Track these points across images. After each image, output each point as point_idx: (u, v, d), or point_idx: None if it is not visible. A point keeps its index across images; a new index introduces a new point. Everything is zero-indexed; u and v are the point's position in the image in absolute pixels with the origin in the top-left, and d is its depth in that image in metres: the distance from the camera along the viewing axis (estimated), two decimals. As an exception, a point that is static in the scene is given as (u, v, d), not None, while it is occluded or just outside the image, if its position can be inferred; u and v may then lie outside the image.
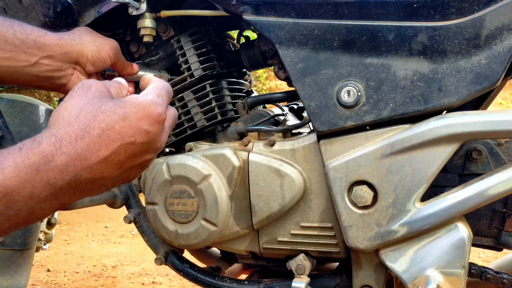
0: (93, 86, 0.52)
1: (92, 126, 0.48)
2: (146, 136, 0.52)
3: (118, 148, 0.49)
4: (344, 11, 0.73)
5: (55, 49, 0.69)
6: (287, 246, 0.85)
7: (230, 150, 0.84)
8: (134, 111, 0.51)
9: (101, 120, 0.48)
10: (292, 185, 0.80)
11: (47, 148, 0.45)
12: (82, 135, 0.47)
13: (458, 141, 0.68)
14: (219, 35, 1.01)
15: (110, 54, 0.77)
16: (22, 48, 0.64)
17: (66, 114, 0.49)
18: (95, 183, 0.49)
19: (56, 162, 0.45)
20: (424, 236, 0.72)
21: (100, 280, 2.36)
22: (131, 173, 0.55)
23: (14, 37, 0.64)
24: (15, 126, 1.15)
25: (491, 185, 0.67)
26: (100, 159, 0.48)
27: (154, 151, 0.56)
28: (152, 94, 0.55)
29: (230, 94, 0.98)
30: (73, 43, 0.72)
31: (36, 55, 0.66)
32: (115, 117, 0.49)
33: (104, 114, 0.49)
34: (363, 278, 0.80)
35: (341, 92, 0.74)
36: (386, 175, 0.72)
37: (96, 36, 0.78)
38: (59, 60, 0.70)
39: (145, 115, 0.52)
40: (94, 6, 0.88)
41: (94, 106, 0.49)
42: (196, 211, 0.85)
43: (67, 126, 0.47)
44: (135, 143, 0.51)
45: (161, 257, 0.97)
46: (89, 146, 0.47)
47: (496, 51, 0.68)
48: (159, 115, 0.53)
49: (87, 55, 0.74)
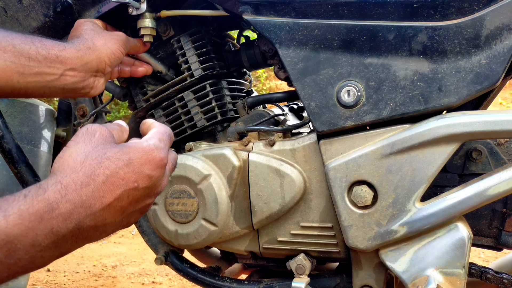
0: (97, 132, 0.52)
1: (97, 173, 0.48)
2: (149, 181, 0.53)
3: (122, 194, 0.50)
4: (344, 11, 0.73)
5: (76, 61, 0.71)
6: (287, 246, 0.85)
7: (230, 150, 0.84)
8: (138, 156, 0.52)
9: (106, 167, 0.49)
10: (292, 185, 0.80)
11: (52, 195, 0.45)
12: (87, 182, 0.47)
13: (458, 141, 0.68)
14: (219, 35, 1.01)
15: (122, 50, 0.80)
16: (46, 64, 0.67)
17: (71, 160, 0.49)
18: (97, 230, 0.50)
19: (60, 209, 0.45)
20: (424, 236, 0.72)
21: (100, 280, 2.36)
22: (132, 218, 0.55)
23: (37, 53, 0.66)
24: (15, 126, 1.15)
25: (491, 185, 0.67)
26: (104, 205, 0.48)
27: (155, 196, 0.57)
28: (154, 139, 0.56)
29: (230, 94, 0.98)
30: (90, 52, 0.74)
31: (60, 68, 0.69)
32: (120, 163, 0.50)
33: (109, 160, 0.50)
34: (363, 278, 0.80)
35: (341, 92, 0.74)
36: (386, 175, 0.72)
37: (105, 35, 0.79)
38: (82, 71, 0.72)
39: (148, 160, 0.53)
40: (94, 6, 0.88)
41: (99, 153, 0.50)
42: (196, 211, 0.85)
43: (72, 173, 0.48)
44: (138, 188, 0.52)
45: (161, 257, 0.97)
46: (94, 193, 0.47)
47: (496, 51, 0.68)
48: (161, 159, 0.54)
49: (105, 60, 0.76)
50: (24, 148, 0.83)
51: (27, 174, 0.81)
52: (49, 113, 1.30)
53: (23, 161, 0.80)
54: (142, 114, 1.02)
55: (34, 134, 1.28)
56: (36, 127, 1.23)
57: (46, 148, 1.31)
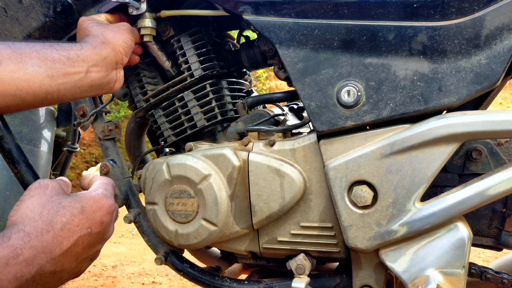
0: (49, 185, 0.58)
1: (55, 221, 0.53)
2: (100, 226, 0.59)
3: (77, 239, 0.55)
4: (344, 11, 0.73)
5: (96, 57, 0.73)
6: (287, 246, 0.85)
7: (230, 150, 0.84)
8: (90, 204, 0.58)
9: (62, 215, 0.54)
10: (292, 185, 0.80)
11: (16, 242, 0.49)
12: (47, 229, 0.52)
13: (458, 141, 0.68)
14: (219, 35, 1.01)
15: (132, 38, 0.82)
16: (70, 64, 0.69)
17: (29, 212, 0.53)
18: (55, 275, 0.53)
19: (24, 255, 0.48)
20: (424, 236, 0.72)
21: (100, 280, 2.36)
22: (83, 265, 0.60)
23: (60, 55, 0.68)
24: (15, 126, 1.15)
25: (491, 185, 0.67)
26: (62, 251, 0.53)
27: (103, 241, 0.62)
28: (101, 189, 0.63)
29: (230, 94, 0.99)
30: (105, 46, 0.76)
31: (84, 66, 0.71)
32: (75, 211, 0.56)
33: (65, 209, 0.55)
34: (363, 278, 0.80)
35: (341, 92, 0.74)
36: (386, 175, 0.72)
37: (112, 27, 0.81)
38: (103, 65, 0.75)
39: (99, 207, 0.59)
40: (94, 6, 0.89)
41: (54, 203, 0.55)
42: (196, 211, 0.85)
43: (32, 222, 0.52)
44: (92, 233, 0.57)
45: (161, 257, 0.97)
46: (54, 239, 0.52)
47: (496, 51, 0.68)
48: (109, 206, 0.61)
49: (120, 50, 0.78)
50: (24, 148, 0.83)
51: (27, 174, 0.81)
52: (49, 113, 1.30)
53: (23, 161, 0.80)
54: (142, 114, 1.02)
55: (34, 134, 1.28)
56: (36, 127, 1.23)
57: (46, 148, 1.31)
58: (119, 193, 0.98)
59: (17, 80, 0.62)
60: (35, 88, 0.64)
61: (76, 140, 1.44)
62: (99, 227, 0.59)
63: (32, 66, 0.64)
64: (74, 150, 1.46)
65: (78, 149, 1.48)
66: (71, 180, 5.30)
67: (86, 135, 5.34)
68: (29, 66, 0.63)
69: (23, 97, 0.63)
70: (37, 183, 0.58)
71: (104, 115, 1.03)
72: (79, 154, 5.31)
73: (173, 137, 0.98)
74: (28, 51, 0.64)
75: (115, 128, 1.03)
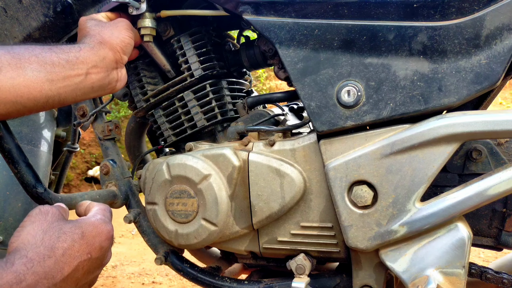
0: (50, 211, 0.58)
1: (57, 247, 0.54)
2: (100, 251, 0.59)
3: (78, 265, 0.55)
4: (344, 11, 0.73)
5: (95, 58, 0.73)
6: (287, 246, 0.85)
7: (230, 150, 0.84)
8: (89, 230, 0.59)
9: (63, 240, 0.55)
10: (292, 185, 0.80)
11: (19, 267, 0.49)
12: (49, 255, 0.52)
13: (458, 141, 0.68)
14: (219, 35, 1.01)
15: (130, 35, 0.81)
16: (69, 66, 0.68)
17: (30, 237, 0.54)
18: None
19: (27, 281, 0.49)
20: (424, 236, 0.72)
21: (100, 280, 2.36)
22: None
23: (59, 58, 0.67)
24: (15, 126, 1.15)
25: (491, 185, 0.67)
26: (64, 277, 0.53)
27: (102, 267, 0.63)
28: (100, 215, 0.63)
29: (230, 94, 0.99)
30: (102, 46, 0.76)
31: (83, 68, 0.70)
32: (75, 236, 0.56)
33: (66, 235, 0.56)
34: (363, 278, 0.80)
35: (341, 92, 0.74)
36: (386, 175, 0.72)
37: (109, 25, 0.80)
38: (103, 66, 0.74)
39: (98, 233, 0.60)
40: (94, 6, 0.89)
41: (55, 229, 0.56)
42: (196, 211, 0.85)
43: (35, 248, 0.52)
44: (91, 258, 0.58)
45: (161, 257, 0.97)
46: (56, 265, 0.52)
47: (496, 51, 0.68)
48: (108, 231, 0.62)
49: (117, 49, 0.78)
50: (24, 148, 0.83)
51: (27, 174, 0.81)
52: (49, 113, 1.30)
53: (23, 161, 0.80)
54: (142, 114, 1.02)
55: (34, 134, 1.28)
56: (36, 127, 1.23)
57: (46, 148, 1.31)
58: (119, 193, 0.98)
59: (17, 86, 0.61)
60: (36, 93, 0.64)
61: (76, 140, 1.44)
62: (99, 253, 0.59)
63: (32, 72, 0.63)
64: (74, 150, 1.46)
65: (78, 149, 1.48)
66: (71, 180, 5.31)
67: (86, 135, 5.34)
68: (29, 72, 0.63)
69: (24, 103, 0.63)
70: (37, 209, 0.58)
71: (104, 115, 1.03)
72: (79, 154, 5.31)
73: (173, 137, 0.98)
74: (27, 56, 0.63)
75: (115, 128, 1.03)
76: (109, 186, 0.99)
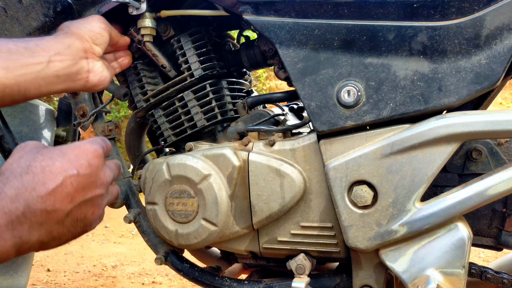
0: (29, 144, 0.57)
1: (33, 165, 0.52)
2: (89, 168, 0.56)
3: (64, 180, 0.53)
4: (344, 11, 0.73)
5: (58, 46, 0.70)
6: (287, 246, 0.85)
7: (230, 150, 0.84)
8: (71, 149, 0.56)
9: (41, 160, 0.53)
10: (292, 185, 0.80)
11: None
12: (26, 172, 0.51)
13: (458, 141, 0.68)
14: (219, 35, 1.01)
15: (101, 25, 0.79)
16: (28, 54, 0.65)
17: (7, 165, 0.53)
18: (50, 215, 0.52)
19: (6, 193, 0.49)
20: (424, 236, 0.72)
21: (100, 280, 2.36)
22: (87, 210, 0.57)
23: (17, 46, 0.65)
24: (15, 126, 1.15)
25: (491, 185, 0.67)
26: (48, 190, 0.51)
27: (102, 186, 0.59)
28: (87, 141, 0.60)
29: (230, 94, 0.99)
30: (68, 35, 0.73)
31: (45, 56, 0.67)
32: (54, 155, 0.54)
33: (43, 155, 0.54)
34: (363, 278, 0.80)
35: (341, 92, 0.74)
36: (386, 175, 0.72)
37: (80, 20, 0.79)
38: (68, 54, 0.71)
39: (82, 151, 0.57)
40: (94, 6, 0.88)
41: (32, 153, 0.55)
42: (196, 211, 0.85)
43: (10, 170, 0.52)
44: (80, 174, 0.55)
45: (161, 257, 0.97)
46: (35, 179, 0.51)
47: (496, 51, 0.68)
48: (95, 150, 0.58)
49: (86, 38, 0.75)
50: (24, 148, 0.83)
51: (27, 174, 0.80)
52: (49, 113, 1.30)
53: (23, 161, 0.80)
54: (142, 114, 1.02)
55: (34, 134, 1.28)
56: (36, 127, 1.23)
57: (46, 148, 1.31)
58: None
59: None
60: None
61: (76, 140, 1.44)
62: (88, 169, 0.56)
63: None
64: (74, 150, 1.46)
65: (78, 149, 1.47)
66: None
67: (86, 135, 5.33)
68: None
69: None
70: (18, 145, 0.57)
71: (104, 115, 1.03)
72: (79, 154, 5.30)
73: (173, 137, 0.98)
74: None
75: (115, 128, 1.02)
76: (109, 186, 0.99)
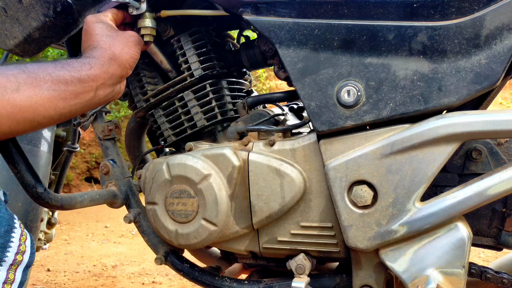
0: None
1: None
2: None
3: None
4: (344, 11, 0.73)
5: (104, 76, 0.75)
6: (287, 246, 0.85)
7: (230, 150, 0.84)
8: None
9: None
10: (292, 185, 0.80)
11: None
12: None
13: (458, 141, 0.68)
14: (219, 35, 1.01)
15: (138, 51, 0.83)
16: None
17: None
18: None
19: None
20: (424, 235, 0.72)
21: (100, 280, 2.36)
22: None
23: (71, 77, 0.70)
24: (15, 126, 1.15)
25: (491, 185, 0.67)
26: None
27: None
28: None
29: (230, 94, 0.98)
30: (112, 63, 0.77)
31: (93, 86, 0.73)
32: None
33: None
34: (363, 278, 0.80)
35: (341, 92, 0.74)
36: (386, 175, 0.72)
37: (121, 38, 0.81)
38: (110, 83, 0.77)
39: None
40: (94, 6, 0.88)
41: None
42: (196, 211, 0.85)
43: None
44: None
45: (161, 257, 0.97)
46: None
47: (496, 50, 0.68)
48: None
49: (126, 66, 0.80)
50: (24, 148, 0.83)
51: (27, 174, 0.81)
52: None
53: (23, 161, 0.80)
54: (142, 114, 1.02)
55: (34, 134, 1.28)
56: (36, 126, 1.22)
57: (46, 148, 1.31)
58: (119, 193, 0.98)
59: (35, 105, 0.64)
60: (51, 111, 0.67)
61: (76, 140, 1.44)
62: None
63: (48, 91, 0.66)
64: (74, 150, 1.46)
65: (78, 149, 1.48)
66: (71, 180, 5.30)
67: (86, 135, 5.34)
68: (45, 91, 0.65)
69: (40, 120, 0.66)
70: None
71: (104, 115, 1.03)
72: (79, 154, 5.31)
73: (173, 137, 0.98)
74: (41, 75, 0.66)
75: (115, 128, 1.03)
76: (109, 186, 0.99)
